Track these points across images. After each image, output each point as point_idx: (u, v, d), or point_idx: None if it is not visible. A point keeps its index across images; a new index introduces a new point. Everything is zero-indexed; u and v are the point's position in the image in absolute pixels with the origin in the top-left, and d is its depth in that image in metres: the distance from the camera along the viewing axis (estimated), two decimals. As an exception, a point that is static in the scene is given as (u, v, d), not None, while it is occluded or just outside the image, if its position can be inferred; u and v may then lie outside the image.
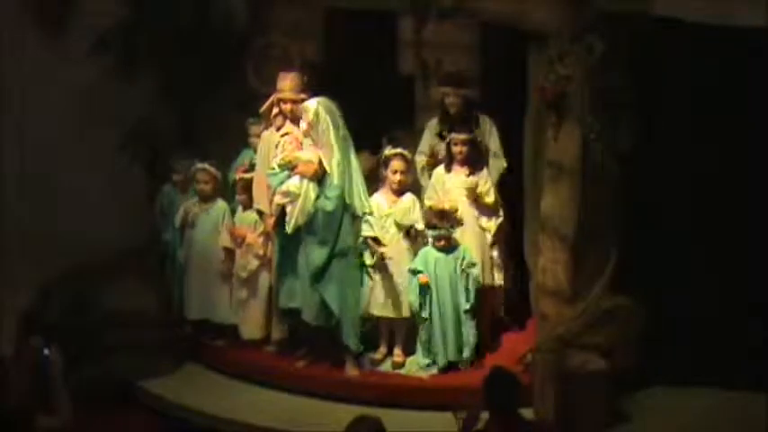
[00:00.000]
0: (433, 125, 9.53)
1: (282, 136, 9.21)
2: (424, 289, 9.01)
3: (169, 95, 10.53)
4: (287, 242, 9.07)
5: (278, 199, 8.98)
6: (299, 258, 9.03)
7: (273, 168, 9.06)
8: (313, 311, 9.02)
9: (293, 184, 8.94)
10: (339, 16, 10.11)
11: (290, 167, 8.97)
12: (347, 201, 8.92)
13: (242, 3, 10.54)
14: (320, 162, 8.90)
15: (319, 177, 8.92)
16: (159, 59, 10.48)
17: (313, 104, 8.91)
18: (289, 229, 8.93)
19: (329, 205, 8.88)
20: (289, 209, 8.93)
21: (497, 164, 9.48)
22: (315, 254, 8.93)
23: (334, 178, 8.88)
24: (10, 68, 11.05)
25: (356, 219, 9.00)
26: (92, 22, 10.71)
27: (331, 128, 8.88)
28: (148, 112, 10.52)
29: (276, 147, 9.17)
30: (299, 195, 8.90)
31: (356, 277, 9.11)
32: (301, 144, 9.07)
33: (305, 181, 8.92)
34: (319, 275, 8.95)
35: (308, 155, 8.96)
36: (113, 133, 10.51)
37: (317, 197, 8.91)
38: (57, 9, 11.05)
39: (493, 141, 9.48)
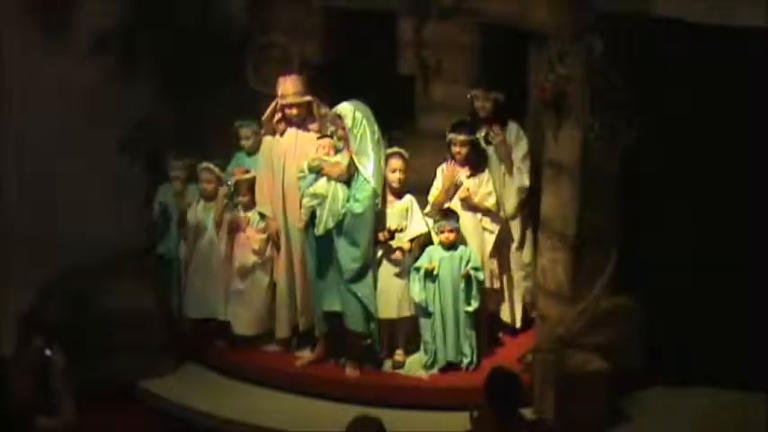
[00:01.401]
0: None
1: (320, 138, 9.18)
2: (430, 277, 9.01)
3: (169, 95, 10.53)
4: (322, 245, 9.01)
5: (306, 201, 8.95)
6: (333, 262, 9.00)
7: (303, 171, 9.05)
8: (356, 317, 8.98)
9: (320, 185, 8.92)
10: (339, 16, 10.11)
11: (317, 170, 8.95)
12: (379, 205, 8.92)
13: (242, 3, 10.54)
14: (350, 163, 8.87)
15: (347, 179, 8.90)
16: (159, 59, 10.48)
17: (349, 109, 8.87)
18: (318, 230, 8.91)
19: (358, 207, 8.84)
20: (318, 211, 8.91)
21: (519, 179, 9.37)
22: (348, 256, 8.90)
23: (369, 181, 8.84)
24: (10, 68, 11.05)
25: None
26: (92, 22, 10.72)
27: (368, 132, 8.86)
28: (148, 112, 10.52)
29: (317, 150, 9.11)
30: (326, 197, 8.87)
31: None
32: (335, 148, 9.04)
33: (332, 182, 8.90)
34: (355, 278, 8.93)
35: (336, 157, 8.95)
36: (113, 133, 10.51)
37: (347, 199, 8.90)
38: (57, 9, 11.05)
39: (518, 153, 9.38)
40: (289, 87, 9.30)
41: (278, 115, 9.37)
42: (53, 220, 10.93)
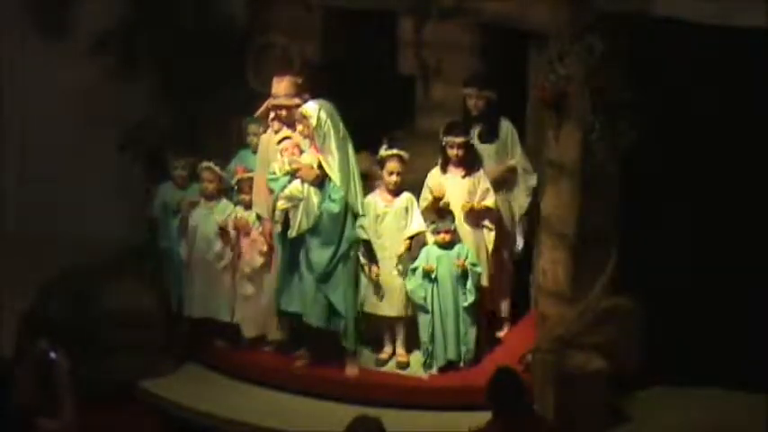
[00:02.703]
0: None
1: (279, 142, 9.20)
2: (429, 277, 9.02)
3: (169, 95, 10.54)
4: (289, 245, 9.05)
5: (281, 204, 8.98)
6: (301, 261, 9.04)
7: (274, 173, 9.07)
8: (317, 314, 9.01)
9: (295, 187, 8.94)
10: (339, 16, 10.11)
11: (291, 172, 8.97)
12: (349, 201, 8.94)
13: (242, 3, 10.55)
14: (320, 166, 8.91)
15: (320, 181, 8.93)
16: (159, 59, 10.49)
17: (314, 109, 8.90)
18: (292, 233, 8.93)
19: (335, 207, 8.88)
20: (291, 213, 8.94)
21: (528, 180, 9.41)
22: (320, 256, 8.93)
23: (337, 180, 8.88)
24: (10, 68, 11.07)
25: (356, 218, 9.02)
26: (92, 22, 10.73)
27: (332, 131, 8.88)
28: (148, 112, 10.53)
29: (280, 153, 9.14)
30: (301, 199, 8.91)
31: (356, 277, 9.13)
32: (299, 147, 9.07)
33: (306, 185, 8.93)
34: (325, 277, 8.96)
35: (309, 159, 8.97)
36: (113, 133, 10.52)
37: (321, 200, 8.91)
38: (57, 9, 11.06)
39: (518, 153, 9.39)
40: (281, 89, 9.31)
41: (272, 114, 9.40)
42: (53, 220, 10.94)
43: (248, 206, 9.59)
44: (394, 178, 9.11)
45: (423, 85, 9.97)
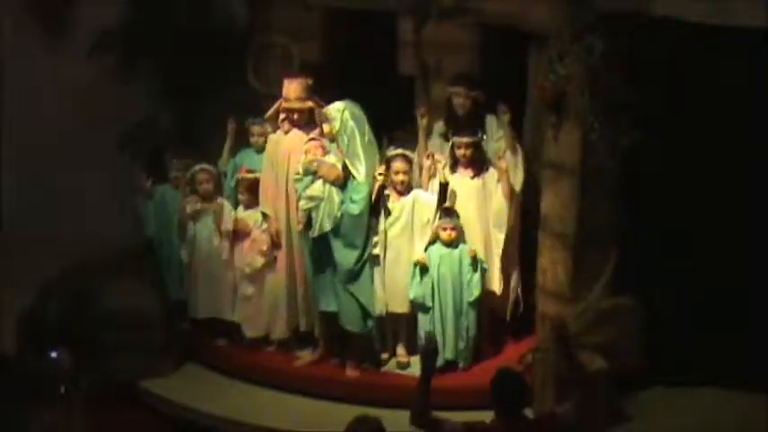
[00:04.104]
0: (439, 127, 9.49)
1: (307, 142, 9.19)
2: (424, 272, 9.02)
3: (169, 95, 10.54)
4: (318, 246, 9.04)
5: (303, 204, 8.98)
6: (330, 263, 9.03)
7: (298, 173, 9.07)
8: (351, 317, 9.02)
9: (316, 187, 8.95)
10: (339, 16, 10.11)
11: (312, 171, 8.98)
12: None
13: (242, 3, 10.55)
14: (344, 167, 8.90)
15: (342, 182, 8.93)
16: (159, 59, 10.49)
17: (338, 110, 8.88)
18: (313, 233, 8.94)
19: (356, 209, 8.88)
20: (313, 213, 8.94)
21: (516, 175, 9.38)
22: (345, 257, 8.93)
23: (362, 181, 8.88)
24: (10, 68, 11.07)
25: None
26: (92, 22, 10.73)
27: (357, 133, 8.87)
28: (148, 112, 10.53)
29: (305, 154, 9.13)
30: (322, 199, 8.90)
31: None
32: (324, 148, 9.07)
33: (327, 185, 8.93)
34: (352, 278, 8.96)
35: (332, 159, 8.97)
36: (113, 133, 10.52)
37: (343, 201, 8.91)
38: (57, 9, 11.07)
39: (510, 146, 9.31)
40: (291, 92, 9.30)
41: (282, 114, 9.39)
42: (53, 220, 10.93)
43: (248, 206, 9.60)
44: (401, 177, 9.11)
45: (423, 85, 9.97)
